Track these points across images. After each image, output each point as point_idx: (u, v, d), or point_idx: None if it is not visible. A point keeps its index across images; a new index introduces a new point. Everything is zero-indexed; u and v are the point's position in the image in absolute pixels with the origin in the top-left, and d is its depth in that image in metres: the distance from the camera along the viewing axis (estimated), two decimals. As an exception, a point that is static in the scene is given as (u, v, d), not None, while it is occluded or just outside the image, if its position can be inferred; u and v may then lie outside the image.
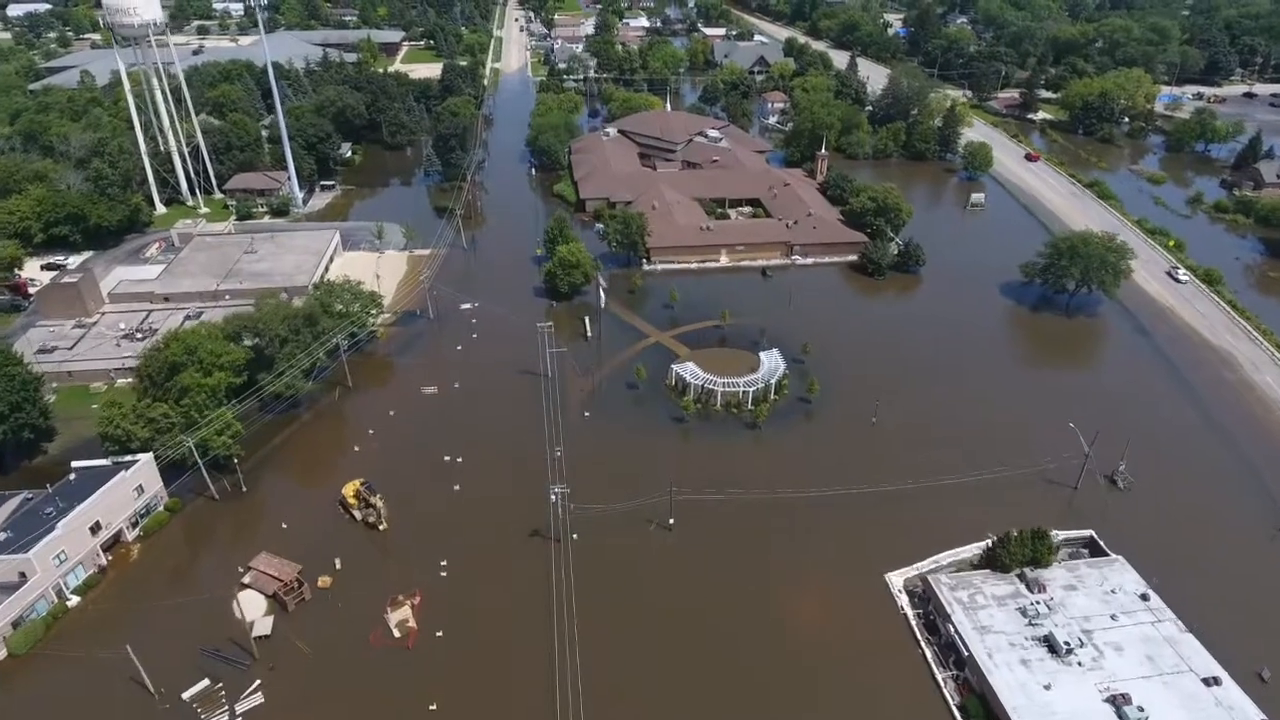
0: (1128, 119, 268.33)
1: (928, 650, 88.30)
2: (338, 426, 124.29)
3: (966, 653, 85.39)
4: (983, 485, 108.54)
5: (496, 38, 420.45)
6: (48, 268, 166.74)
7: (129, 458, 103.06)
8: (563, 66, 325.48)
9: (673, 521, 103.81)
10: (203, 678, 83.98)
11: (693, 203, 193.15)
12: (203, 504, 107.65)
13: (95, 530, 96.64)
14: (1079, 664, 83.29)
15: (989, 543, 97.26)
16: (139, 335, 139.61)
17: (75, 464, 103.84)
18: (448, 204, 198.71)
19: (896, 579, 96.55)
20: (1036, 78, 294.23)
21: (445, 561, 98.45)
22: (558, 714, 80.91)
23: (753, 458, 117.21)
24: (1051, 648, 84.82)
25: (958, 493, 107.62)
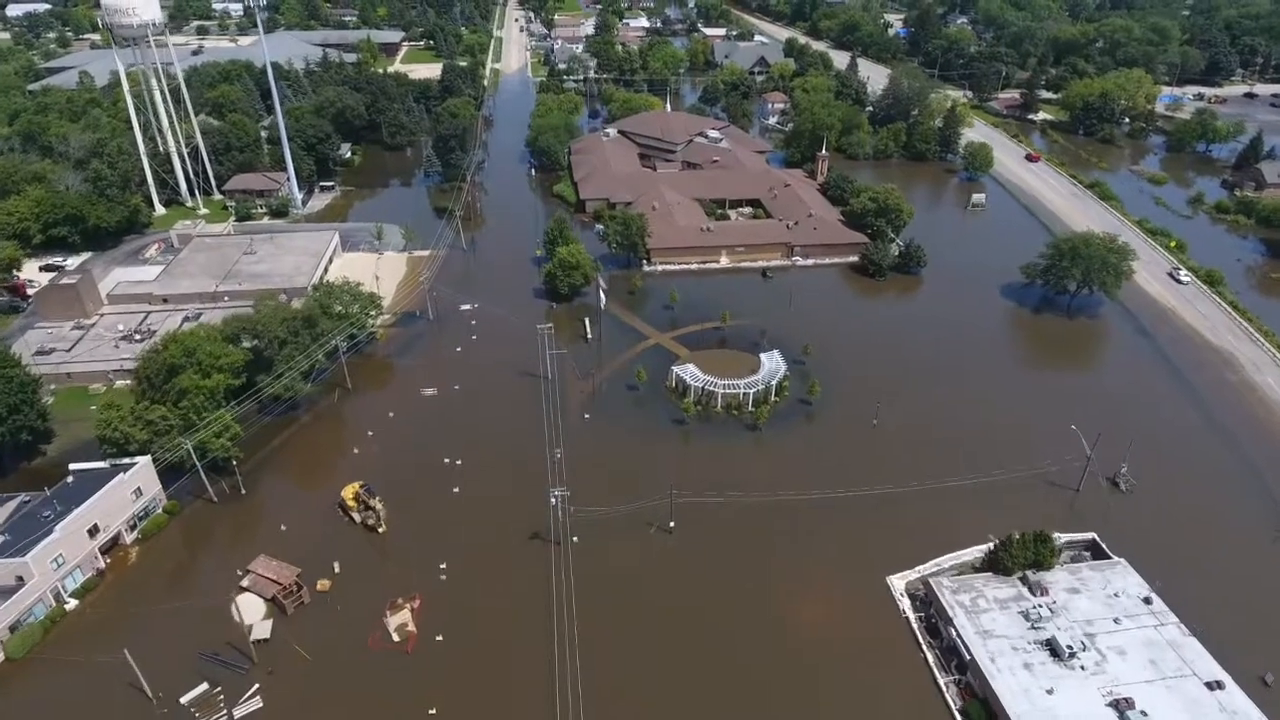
0: (1128, 119, 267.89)
1: (929, 654, 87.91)
2: (337, 428, 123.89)
3: (968, 656, 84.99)
4: (984, 487, 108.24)
5: (496, 38, 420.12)
6: (46, 269, 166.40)
7: (127, 460, 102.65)
8: (563, 67, 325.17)
9: (673, 524, 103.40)
10: (201, 682, 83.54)
11: (693, 203, 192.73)
12: (201, 506, 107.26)
13: (93, 533, 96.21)
14: (1082, 668, 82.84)
15: (991, 545, 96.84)
16: (137, 337, 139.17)
17: (73, 466, 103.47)
18: (447, 205, 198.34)
19: (898, 582, 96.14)
20: (1037, 78, 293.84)
21: (445, 564, 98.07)
22: (558, 718, 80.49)
23: (753, 460, 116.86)
24: (1054, 651, 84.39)
25: (959, 495, 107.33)
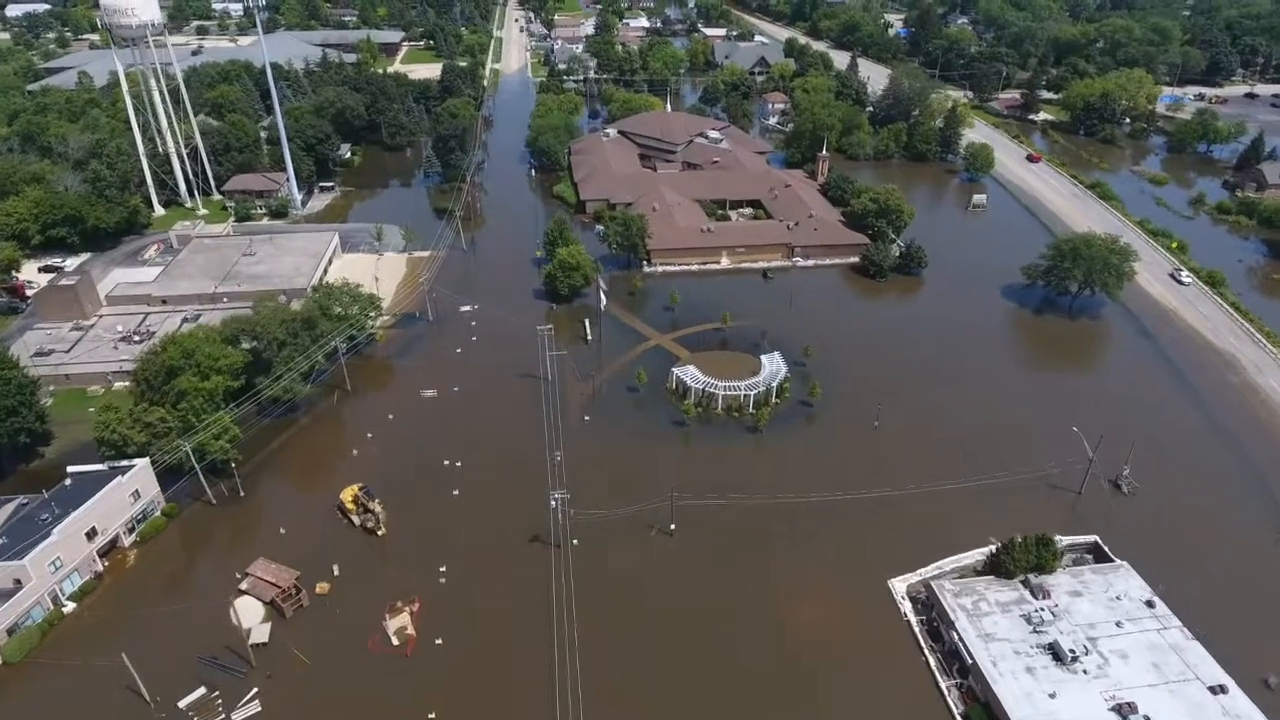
0: (1129, 120, 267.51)
1: (931, 658, 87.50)
2: (336, 430, 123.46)
3: (970, 660, 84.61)
4: (986, 490, 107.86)
5: (496, 38, 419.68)
6: (45, 270, 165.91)
7: (125, 462, 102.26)
8: (563, 67, 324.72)
9: (674, 527, 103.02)
10: (199, 686, 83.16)
11: (693, 204, 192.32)
12: (200, 509, 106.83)
13: (91, 536, 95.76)
14: (1084, 672, 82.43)
15: (992, 548, 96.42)
16: (136, 338, 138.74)
17: (71, 469, 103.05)
18: (447, 205, 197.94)
19: (899, 585, 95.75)
20: (1037, 78, 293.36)
21: (444, 567, 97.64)
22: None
23: (754, 462, 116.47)
24: (1056, 655, 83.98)
25: (961, 497, 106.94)
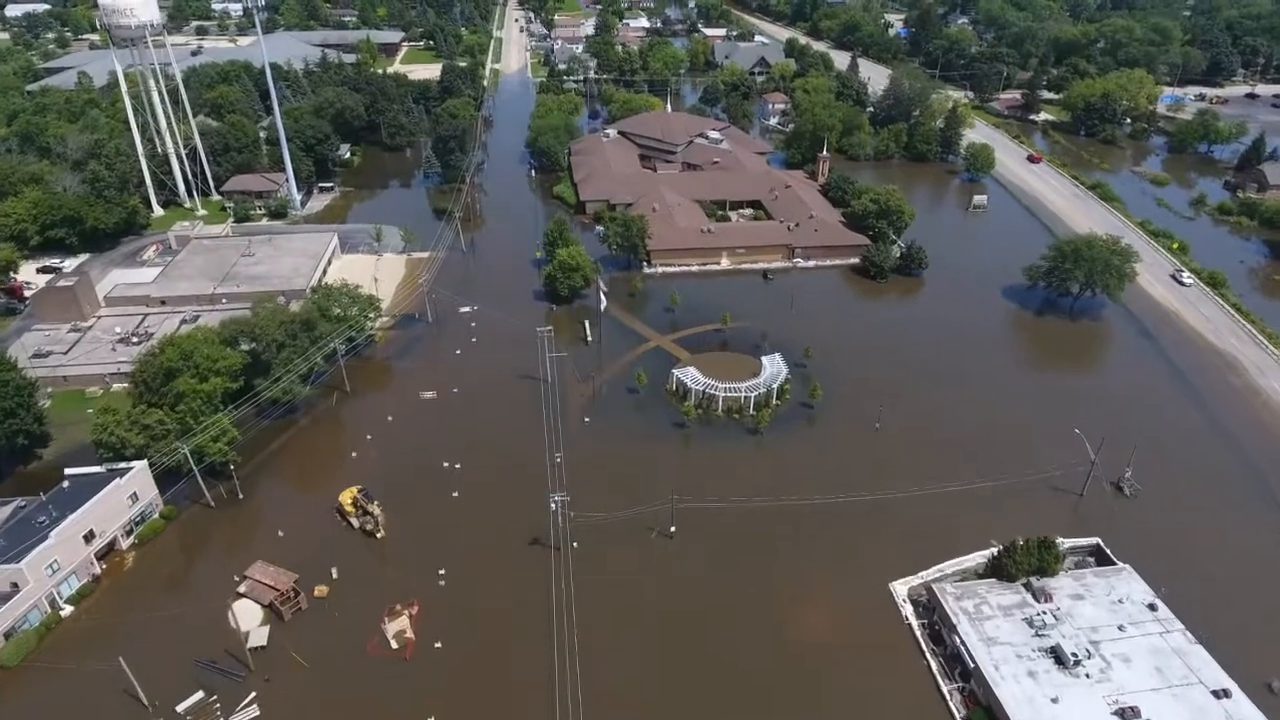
0: (1130, 120, 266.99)
1: (933, 661, 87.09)
2: (335, 432, 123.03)
3: (972, 664, 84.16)
4: (987, 492, 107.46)
5: (496, 38, 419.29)
6: (43, 270, 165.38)
7: (123, 465, 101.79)
8: (563, 67, 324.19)
9: (674, 529, 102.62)
10: (197, 690, 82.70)
11: (693, 205, 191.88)
12: (198, 511, 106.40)
13: (89, 539, 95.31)
14: (1086, 676, 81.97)
15: (994, 551, 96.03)
16: (135, 339, 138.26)
17: (69, 471, 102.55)
18: (447, 206, 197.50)
19: (901, 588, 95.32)
20: (1038, 79, 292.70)
21: (444, 570, 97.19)
22: (558, 727, 79.88)
23: (755, 464, 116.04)
24: (1059, 659, 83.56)
25: (962, 500, 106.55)
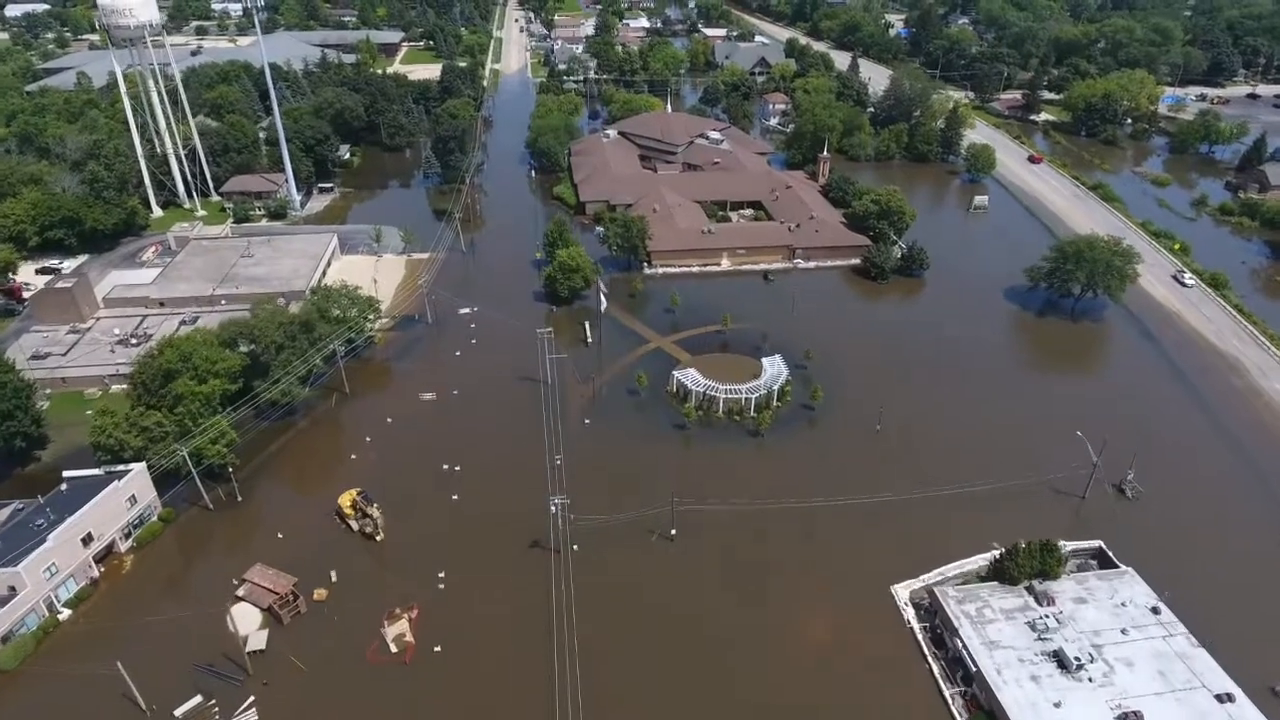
0: (1131, 120, 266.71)
1: (935, 665, 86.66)
2: (334, 434, 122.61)
3: (974, 668, 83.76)
4: (989, 494, 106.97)
5: (496, 38, 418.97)
6: (42, 272, 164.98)
7: (122, 467, 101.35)
8: (563, 68, 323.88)
9: (674, 532, 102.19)
10: (195, 694, 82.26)
11: (694, 205, 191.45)
12: (197, 514, 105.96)
13: (87, 542, 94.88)
14: (1089, 680, 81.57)
15: (996, 554, 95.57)
16: (134, 341, 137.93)
17: (67, 474, 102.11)
18: (446, 207, 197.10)
19: (902, 591, 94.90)
20: (1039, 79, 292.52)
21: (443, 573, 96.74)
22: (558, 731, 79.49)
23: (755, 466, 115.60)
24: (1061, 663, 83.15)
25: (964, 502, 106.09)
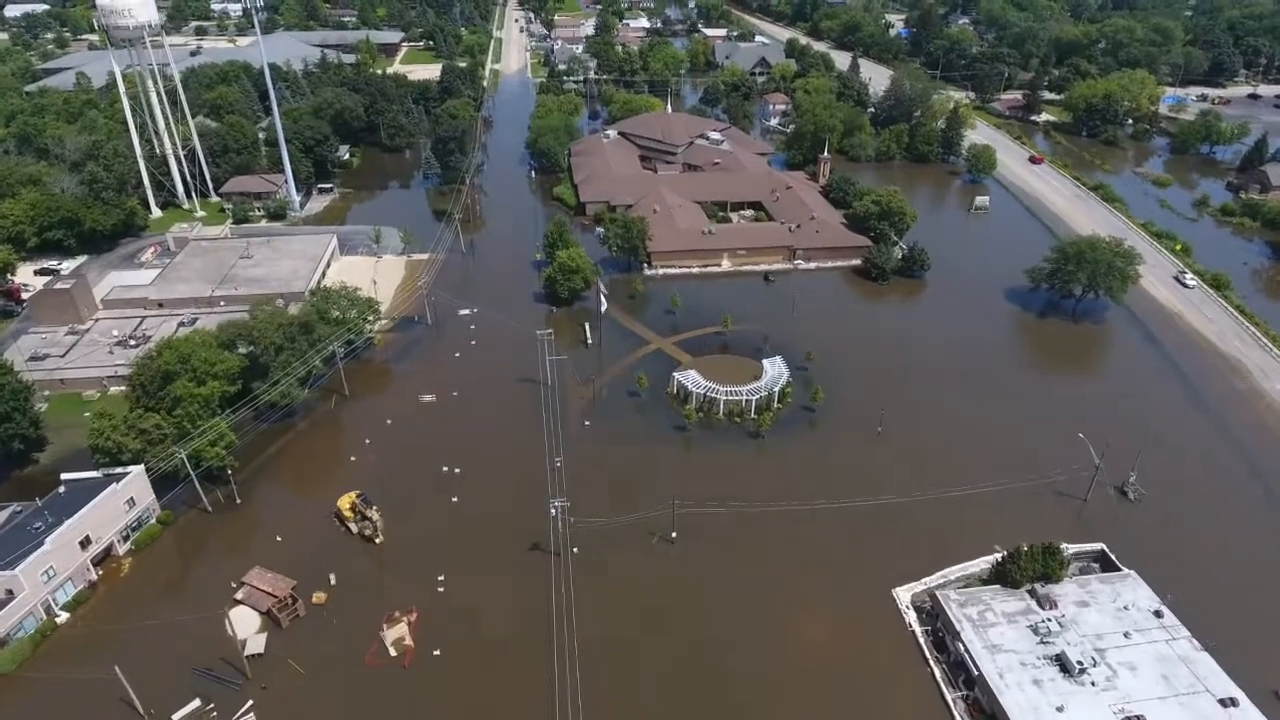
0: (1132, 121, 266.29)
1: (936, 669, 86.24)
2: (334, 436, 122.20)
3: (976, 672, 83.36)
4: (991, 497, 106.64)
5: (496, 39, 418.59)
6: (41, 273, 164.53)
7: (120, 470, 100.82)
8: (563, 68, 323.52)
9: (675, 534, 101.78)
10: (193, 698, 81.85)
11: (694, 206, 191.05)
12: (196, 516, 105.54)
13: (85, 545, 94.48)
14: (1092, 684, 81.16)
15: (998, 557, 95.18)
16: (132, 342, 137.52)
17: (65, 476, 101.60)
18: (446, 207, 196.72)
19: (904, 594, 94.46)
20: (1039, 79, 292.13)
21: (443, 576, 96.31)
22: (558, 736, 79.09)
23: (756, 468, 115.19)
24: (1064, 667, 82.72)
25: (965, 504, 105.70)
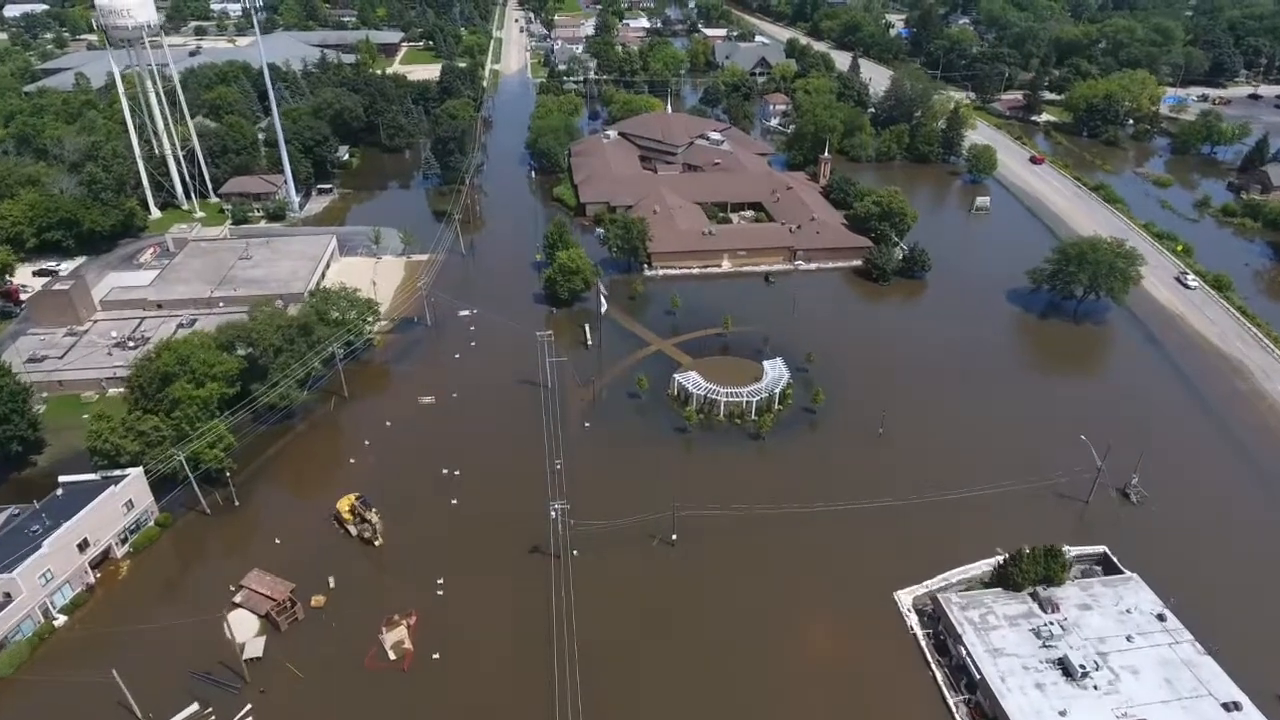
0: (1132, 121, 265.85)
1: (938, 673, 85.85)
2: (333, 438, 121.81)
3: (978, 676, 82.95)
4: (992, 499, 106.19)
5: (496, 39, 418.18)
6: (39, 274, 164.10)
7: (118, 472, 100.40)
8: (563, 68, 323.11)
9: (675, 537, 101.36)
10: (191, 702, 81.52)
11: (694, 207, 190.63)
12: (194, 519, 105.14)
13: (83, 547, 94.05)
14: (1095, 688, 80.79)
15: (1000, 560, 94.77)
16: (131, 344, 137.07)
17: (63, 478, 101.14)
18: (446, 208, 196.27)
19: (905, 597, 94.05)
20: (1040, 79, 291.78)
21: (442, 579, 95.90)
22: (558, 740, 78.73)
23: (757, 470, 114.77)
24: (1066, 671, 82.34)
25: (967, 507, 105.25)
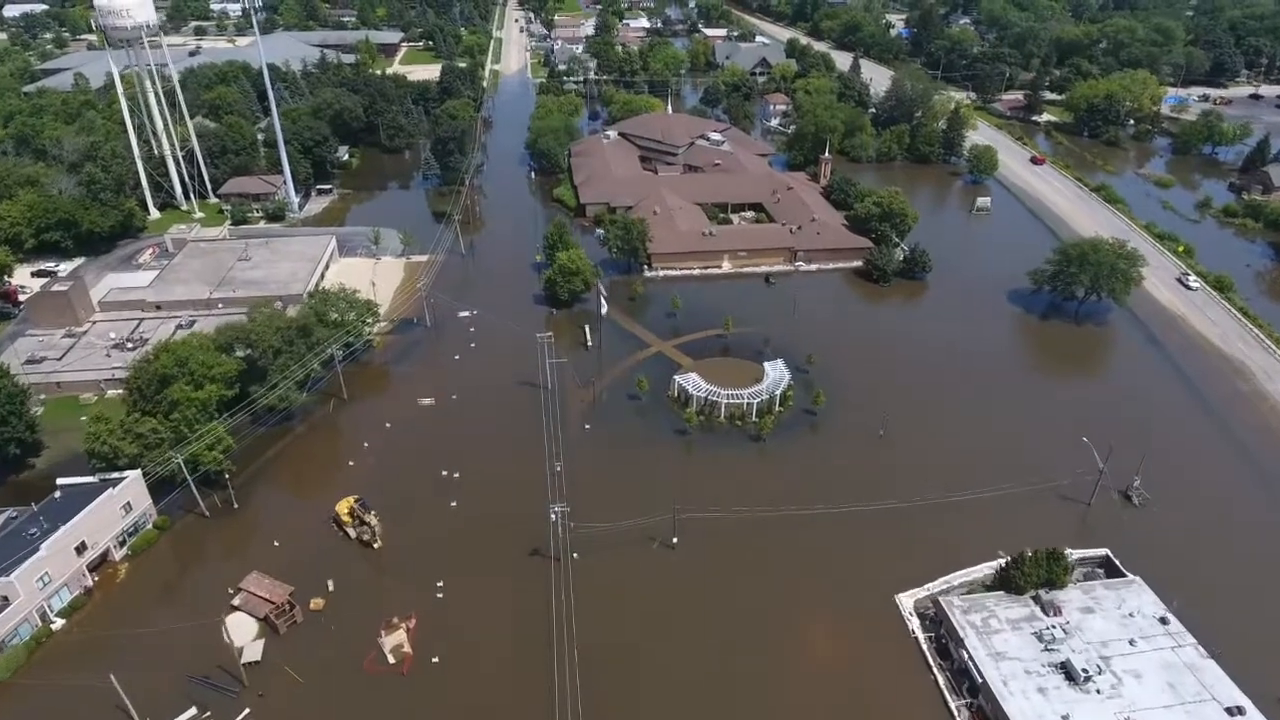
0: (1133, 121, 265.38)
1: (940, 676, 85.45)
2: (332, 440, 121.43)
3: (980, 679, 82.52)
4: (993, 501, 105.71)
5: (496, 39, 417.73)
6: (38, 274, 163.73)
7: (116, 474, 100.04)
8: (563, 68, 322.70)
9: (676, 539, 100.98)
10: (190, 706, 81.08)
11: (695, 207, 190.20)
12: (193, 521, 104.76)
13: (81, 550, 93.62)
14: (1097, 692, 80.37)
15: (1002, 563, 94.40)
16: (130, 345, 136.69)
17: (61, 481, 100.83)
18: (446, 208, 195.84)
19: (907, 600, 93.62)
20: (1041, 79, 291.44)
21: (442, 582, 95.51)
22: (558, 744, 78.37)
23: (757, 472, 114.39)
24: (1069, 675, 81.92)
25: (968, 509, 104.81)
